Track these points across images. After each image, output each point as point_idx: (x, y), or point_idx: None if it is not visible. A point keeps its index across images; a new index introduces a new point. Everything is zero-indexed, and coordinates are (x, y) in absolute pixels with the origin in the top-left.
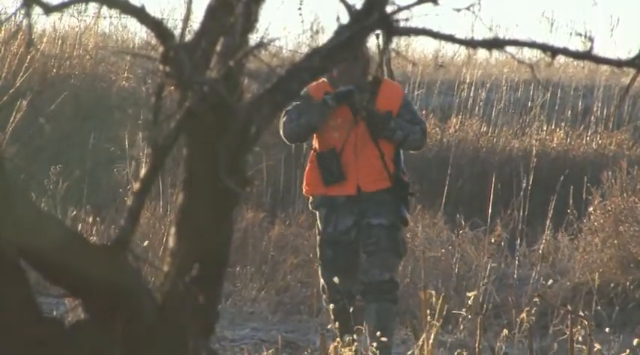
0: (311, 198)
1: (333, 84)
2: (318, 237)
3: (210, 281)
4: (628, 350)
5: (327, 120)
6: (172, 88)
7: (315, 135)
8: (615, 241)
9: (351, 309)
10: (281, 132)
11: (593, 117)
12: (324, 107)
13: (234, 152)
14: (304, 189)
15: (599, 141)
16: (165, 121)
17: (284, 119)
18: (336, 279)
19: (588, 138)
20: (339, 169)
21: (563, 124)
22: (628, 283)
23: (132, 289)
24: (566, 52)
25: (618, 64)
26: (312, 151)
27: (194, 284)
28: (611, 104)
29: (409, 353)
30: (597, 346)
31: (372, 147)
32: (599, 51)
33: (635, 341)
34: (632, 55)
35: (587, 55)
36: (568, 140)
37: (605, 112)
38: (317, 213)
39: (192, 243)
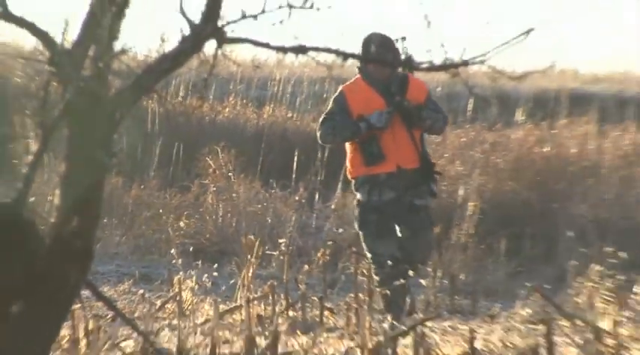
0: (354, 181)
1: (368, 77)
2: (356, 210)
3: (87, 230)
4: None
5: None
6: (56, 83)
7: None
8: None
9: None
10: (318, 138)
11: None
12: (356, 130)
13: (103, 132)
14: (349, 173)
15: None
16: (51, 109)
17: (320, 131)
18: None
19: None
20: (380, 151)
21: None
22: None
23: (28, 235)
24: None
25: (431, 69)
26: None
27: (74, 232)
28: None
29: (232, 282)
30: (376, 278)
31: (406, 132)
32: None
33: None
34: (446, 60)
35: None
36: None
37: None
38: (357, 193)
39: (72, 201)
